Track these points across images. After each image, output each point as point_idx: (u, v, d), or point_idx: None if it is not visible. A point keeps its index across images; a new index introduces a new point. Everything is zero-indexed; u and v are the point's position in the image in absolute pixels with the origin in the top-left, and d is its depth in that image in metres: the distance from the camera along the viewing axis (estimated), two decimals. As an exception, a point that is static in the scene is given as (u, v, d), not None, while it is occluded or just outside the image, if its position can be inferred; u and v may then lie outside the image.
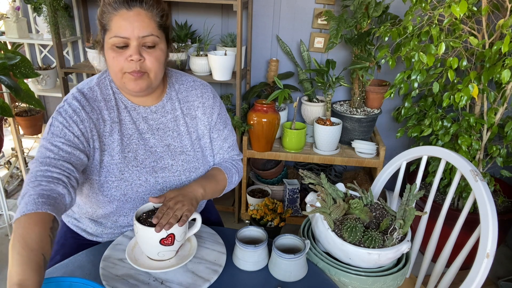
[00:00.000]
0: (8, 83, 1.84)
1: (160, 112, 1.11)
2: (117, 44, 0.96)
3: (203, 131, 1.17)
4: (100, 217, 1.12)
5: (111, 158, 1.04)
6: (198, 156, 1.15)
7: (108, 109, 1.05)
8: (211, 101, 1.17)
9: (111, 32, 0.96)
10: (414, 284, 1.36)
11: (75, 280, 0.79)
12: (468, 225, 1.29)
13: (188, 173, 1.12)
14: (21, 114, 2.63)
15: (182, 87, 1.16)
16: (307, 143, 2.29)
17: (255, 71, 2.47)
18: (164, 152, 1.10)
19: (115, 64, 0.98)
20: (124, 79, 1.00)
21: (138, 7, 0.95)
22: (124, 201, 1.06)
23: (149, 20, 0.96)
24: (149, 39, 0.96)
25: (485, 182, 1.10)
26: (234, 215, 2.47)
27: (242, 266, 1.00)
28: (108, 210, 1.08)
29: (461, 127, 1.80)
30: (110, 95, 1.06)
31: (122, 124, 1.06)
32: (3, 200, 2.21)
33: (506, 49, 1.46)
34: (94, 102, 1.03)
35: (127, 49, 0.96)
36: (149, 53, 0.98)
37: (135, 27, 0.94)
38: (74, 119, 0.98)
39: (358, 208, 1.04)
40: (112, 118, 1.05)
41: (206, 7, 2.33)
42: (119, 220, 1.12)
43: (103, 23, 0.97)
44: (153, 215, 0.95)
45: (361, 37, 1.98)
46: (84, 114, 0.99)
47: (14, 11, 2.34)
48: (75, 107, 0.99)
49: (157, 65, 1.00)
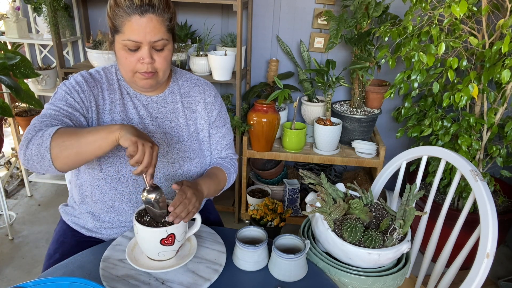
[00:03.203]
0: (8, 83, 1.84)
1: (160, 103, 1.17)
2: (129, 46, 1.01)
3: (202, 125, 1.22)
4: (97, 201, 1.12)
5: None
6: (194, 147, 1.19)
7: (110, 90, 1.12)
8: (213, 99, 1.23)
9: (123, 35, 1.01)
10: (414, 284, 1.36)
11: (75, 280, 0.79)
12: (468, 225, 1.29)
13: (182, 162, 1.16)
14: (21, 114, 2.63)
15: (185, 83, 1.22)
16: (307, 143, 2.29)
17: (255, 71, 2.47)
18: (161, 139, 1.15)
19: (127, 64, 1.04)
20: (135, 78, 1.07)
21: (150, 13, 0.99)
22: (118, 179, 1.09)
23: (160, 25, 1.01)
24: (159, 43, 1.03)
25: (485, 182, 1.10)
26: (234, 215, 2.47)
27: (242, 266, 1.00)
28: (103, 189, 1.10)
29: (461, 127, 1.80)
30: (114, 81, 1.14)
31: (126, 107, 1.13)
32: (3, 200, 2.21)
33: (506, 49, 1.46)
34: (97, 82, 1.11)
35: (139, 51, 1.02)
36: (158, 55, 1.04)
37: (147, 33, 1.00)
38: (76, 88, 1.06)
39: (358, 208, 1.04)
40: (112, 99, 1.11)
41: (206, 7, 2.33)
42: (114, 205, 1.12)
43: (115, 24, 1.01)
44: (148, 214, 0.95)
45: (361, 37, 1.98)
46: (86, 86, 1.07)
47: (14, 11, 2.34)
48: (78, 80, 1.08)
49: (165, 64, 1.07)
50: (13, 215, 2.43)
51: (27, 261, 2.08)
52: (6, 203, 2.25)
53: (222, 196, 2.39)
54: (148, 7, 0.98)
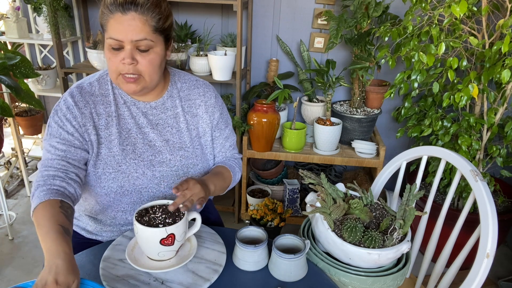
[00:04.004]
0: (8, 83, 1.84)
1: (160, 109, 1.13)
2: (113, 45, 0.99)
3: (204, 129, 1.18)
4: (98, 212, 1.12)
5: (109, 151, 1.06)
6: (197, 153, 1.16)
7: (104, 103, 1.08)
8: (213, 101, 1.20)
9: (107, 33, 0.99)
10: (414, 284, 1.36)
11: (75, 280, 0.78)
12: (468, 225, 1.28)
13: (186, 169, 1.14)
14: (21, 114, 2.63)
15: (184, 85, 1.18)
16: (307, 143, 2.29)
17: (255, 71, 2.47)
18: (163, 146, 1.12)
19: (110, 64, 1.02)
20: (118, 80, 1.04)
21: (133, 11, 0.96)
22: (121, 193, 1.07)
23: (143, 24, 0.97)
24: (142, 43, 0.98)
25: (485, 182, 1.10)
26: (234, 215, 2.47)
27: (242, 266, 1.00)
28: (106, 203, 1.09)
29: (461, 127, 1.80)
30: (108, 90, 1.10)
31: (121, 118, 1.09)
32: (3, 200, 2.21)
33: (506, 49, 1.46)
34: (90, 97, 1.07)
35: (122, 51, 0.99)
36: (142, 56, 1.00)
37: (129, 31, 0.96)
38: (68, 117, 1.03)
39: (358, 208, 1.04)
40: (108, 112, 1.08)
41: (206, 7, 2.33)
42: (117, 216, 1.12)
43: (102, 23, 1.01)
44: (148, 214, 0.95)
45: (361, 37, 1.98)
46: (77, 110, 1.04)
47: (14, 11, 2.34)
48: (68, 104, 1.04)
49: (151, 68, 1.02)
50: (13, 215, 2.43)
51: (27, 261, 2.08)
52: (6, 203, 2.25)
53: (222, 196, 2.39)
54: (131, 5, 0.95)
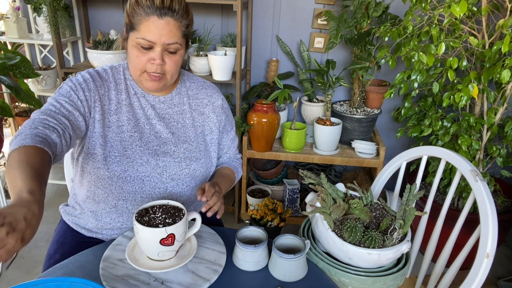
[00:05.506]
0: (8, 83, 1.84)
1: (167, 103, 1.19)
2: (142, 45, 1.03)
3: (211, 128, 1.24)
4: (100, 200, 1.12)
5: (116, 135, 1.10)
6: (201, 148, 1.20)
7: (117, 90, 1.13)
8: (220, 102, 1.26)
9: (138, 33, 1.03)
10: (414, 284, 1.36)
11: (75, 280, 0.78)
12: (468, 225, 1.29)
13: (188, 161, 1.17)
14: (21, 114, 2.63)
15: (193, 85, 1.25)
16: (307, 143, 2.29)
17: (255, 71, 2.47)
18: (168, 138, 1.16)
19: (137, 62, 1.06)
20: (142, 77, 1.09)
21: (169, 16, 1.02)
22: (124, 179, 1.09)
23: (177, 29, 1.04)
24: (173, 46, 1.05)
25: (485, 182, 1.10)
26: (234, 215, 2.47)
27: (242, 266, 1.00)
28: (108, 188, 1.10)
29: (461, 127, 1.80)
30: (121, 80, 1.15)
31: (131, 107, 1.14)
32: (3, 200, 2.21)
33: (506, 49, 1.46)
34: (104, 81, 1.12)
35: (151, 51, 1.04)
36: (170, 57, 1.07)
37: (163, 35, 1.02)
38: (83, 86, 1.06)
39: (358, 208, 1.04)
40: (119, 99, 1.12)
41: (206, 7, 2.33)
42: (118, 205, 1.12)
43: (132, 22, 1.04)
44: (148, 214, 0.95)
45: (361, 37, 1.98)
46: (93, 85, 1.08)
47: (14, 11, 2.34)
48: (86, 78, 1.08)
49: (175, 68, 1.09)
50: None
51: (27, 261, 2.08)
52: (6, 203, 2.25)
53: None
54: (168, 11, 1.01)
